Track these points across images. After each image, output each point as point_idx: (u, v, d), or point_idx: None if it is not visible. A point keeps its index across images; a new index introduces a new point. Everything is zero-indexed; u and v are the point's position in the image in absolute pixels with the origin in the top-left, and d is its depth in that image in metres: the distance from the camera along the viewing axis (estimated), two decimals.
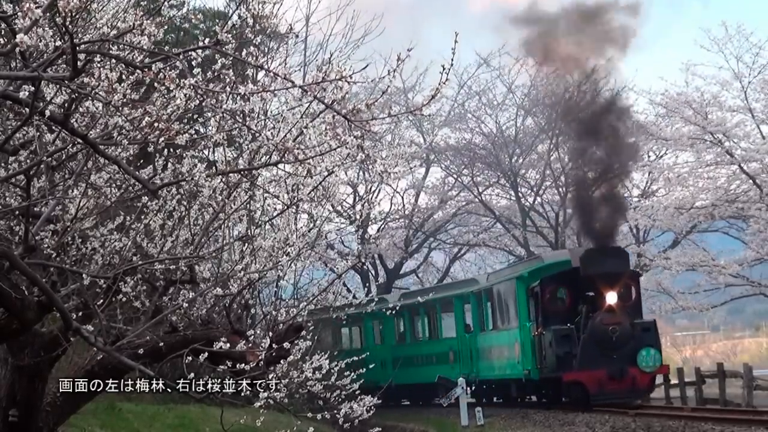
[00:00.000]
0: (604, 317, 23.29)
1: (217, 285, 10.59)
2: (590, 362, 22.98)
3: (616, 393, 22.94)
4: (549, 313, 25.24)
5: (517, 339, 27.16)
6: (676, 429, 16.49)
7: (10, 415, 11.26)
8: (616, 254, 24.59)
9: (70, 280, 9.37)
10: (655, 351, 23.52)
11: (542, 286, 25.58)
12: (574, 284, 24.78)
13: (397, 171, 37.79)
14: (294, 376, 10.56)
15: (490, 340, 30.18)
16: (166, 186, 9.16)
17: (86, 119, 7.85)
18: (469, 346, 31.41)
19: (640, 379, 23.16)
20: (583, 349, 23.16)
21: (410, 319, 36.21)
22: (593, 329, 23.27)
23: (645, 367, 23.15)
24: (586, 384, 22.97)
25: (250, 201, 10.82)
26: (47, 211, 8.49)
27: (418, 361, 34.68)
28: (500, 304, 29.46)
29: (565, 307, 25.33)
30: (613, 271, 23.58)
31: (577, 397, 23.53)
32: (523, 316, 26.91)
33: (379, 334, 37.32)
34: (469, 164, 41.58)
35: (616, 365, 22.95)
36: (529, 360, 26.02)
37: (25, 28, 6.29)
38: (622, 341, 23.13)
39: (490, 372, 30.25)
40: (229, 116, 8.31)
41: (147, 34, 6.98)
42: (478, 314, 31.36)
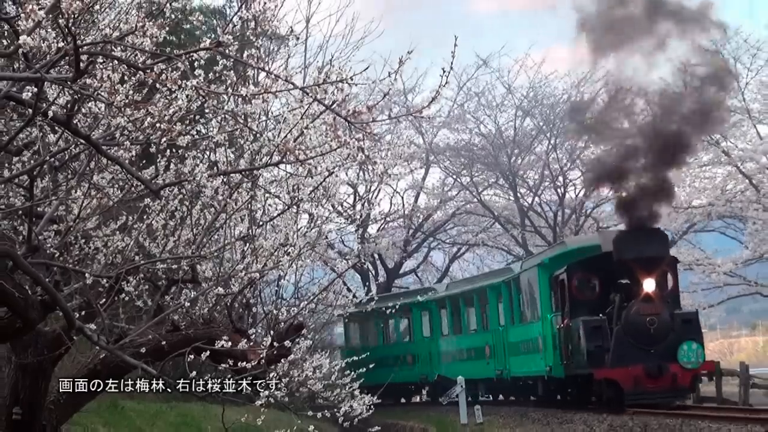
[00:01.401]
0: (640, 307, 20.29)
1: (218, 284, 10.59)
2: (625, 357, 20.10)
3: (654, 392, 20.09)
4: (576, 303, 22.13)
5: (539, 333, 24.72)
6: (674, 427, 16.46)
7: (13, 413, 11.27)
8: (654, 236, 21.29)
9: (73, 280, 9.37)
10: (698, 345, 20.53)
11: (569, 273, 22.60)
12: (605, 271, 21.76)
13: (396, 171, 37.36)
14: (295, 374, 10.56)
15: (518, 333, 27.39)
16: (168, 186, 9.16)
17: (89, 120, 7.85)
18: (502, 341, 28.70)
19: (681, 376, 20.08)
20: (617, 343, 20.23)
21: (452, 310, 33.49)
22: (628, 320, 20.32)
23: (686, 363, 20.07)
24: (621, 382, 20.07)
25: (251, 201, 10.82)
26: (50, 211, 8.49)
27: (461, 356, 32.22)
28: (527, 294, 26.90)
29: (594, 296, 22.16)
30: (652, 255, 20.54)
31: (610, 396, 20.74)
32: (545, 307, 24.42)
33: (429, 325, 35.02)
34: (468, 165, 41.59)
35: (654, 361, 19.97)
36: (551, 355, 23.49)
37: (28, 29, 6.29)
38: (661, 334, 20.22)
39: (519, 368, 27.56)
40: (230, 117, 8.32)
41: (149, 36, 6.98)
42: (509, 305, 28.59)
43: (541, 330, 24.34)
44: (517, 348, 27.10)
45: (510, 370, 27.73)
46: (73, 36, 6.36)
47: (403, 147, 38.61)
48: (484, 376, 29.74)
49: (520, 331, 27.00)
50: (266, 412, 10.59)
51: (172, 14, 7.86)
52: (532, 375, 26.20)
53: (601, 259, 21.87)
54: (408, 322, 35.99)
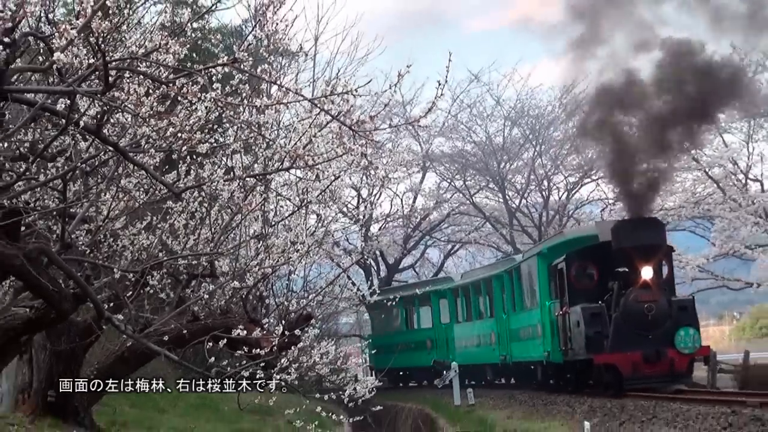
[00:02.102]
0: (638, 294, 19.08)
1: (234, 278, 10.59)
2: (624, 343, 18.93)
3: (652, 377, 18.91)
4: (575, 291, 20.84)
5: (538, 320, 23.44)
6: (648, 408, 16.42)
7: (48, 396, 11.27)
8: (652, 225, 20.10)
9: (103, 274, 9.37)
10: (695, 331, 19.32)
11: (567, 262, 21.31)
12: (603, 260, 20.52)
13: (396, 176, 37.00)
14: (304, 360, 10.54)
15: (519, 321, 26.06)
16: (189, 189, 9.15)
17: (117, 129, 7.85)
18: (505, 328, 27.44)
19: (678, 361, 18.89)
20: (616, 329, 19.09)
21: (465, 299, 31.86)
22: (627, 307, 19.09)
23: (684, 349, 18.88)
24: (620, 367, 18.92)
25: (264, 203, 10.82)
26: (82, 212, 8.49)
27: (472, 342, 30.91)
28: (526, 283, 25.42)
29: (592, 284, 20.89)
30: (650, 243, 19.37)
31: (608, 381, 19.48)
32: (544, 295, 23.07)
33: (445, 313, 33.42)
34: (461, 170, 41.58)
35: (652, 346, 18.82)
36: (549, 341, 22.31)
37: (61, 47, 6.29)
38: (659, 320, 18.99)
39: (520, 354, 26.32)
40: (245, 126, 8.31)
41: (172, 53, 6.98)
42: (510, 294, 27.11)
43: (540, 317, 23.23)
44: (518, 334, 26.11)
45: (512, 355, 26.81)
46: (103, 53, 6.36)
47: (402, 153, 38.81)
48: (490, 361, 28.92)
49: (520, 319, 25.96)
50: (277, 394, 10.56)
51: (192, 33, 7.85)
52: (532, 360, 25.09)
53: (598, 248, 20.76)
54: (428, 309, 34.93)
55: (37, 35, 7.13)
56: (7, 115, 7.09)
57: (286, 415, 13.33)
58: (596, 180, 40.58)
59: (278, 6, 7.55)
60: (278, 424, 18.26)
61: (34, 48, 7.94)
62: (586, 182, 41.23)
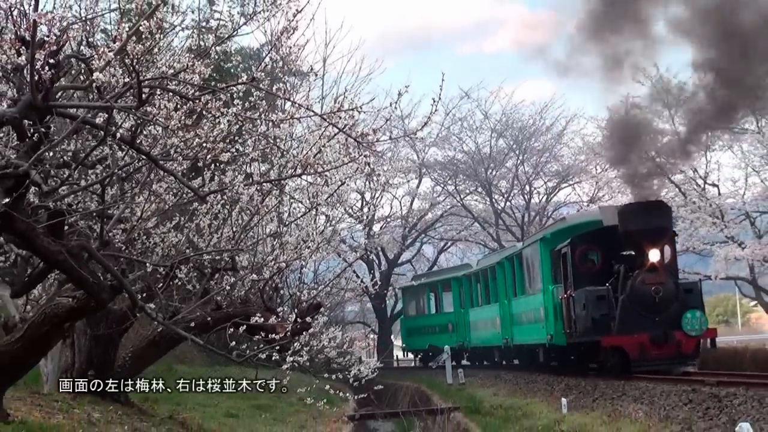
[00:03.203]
0: (646, 276, 17.20)
1: (253, 272, 10.58)
2: (631, 325, 17.01)
3: (659, 359, 17.06)
4: (579, 275, 18.92)
5: (541, 303, 21.48)
6: (618, 387, 16.38)
7: (89, 375, 11.26)
8: (659, 209, 18.01)
9: (137, 268, 9.37)
10: (701, 313, 17.41)
11: (572, 246, 19.27)
12: (606, 244, 18.63)
13: (395, 181, 36.86)
14: (314, 344, 10.53)
15: (520, 305, 24.18)
16: (213, 193, 9.15)
17: (149, 140, 7.84)
18: (507, 312, 25.59)
19: (685, 343, 16.97)
20: (623, 311, 17.19)
21: (477, 284, 30.09)
22: (634, 289, 17.19)
23: (690, 331, 16.94)
24: (627, 349, 17.09)
25: (279, 205, 10.81)
26: (118, 213, 8.48)
27: (483, 325, 29.17)
28: (528, 268, 23.44)
29: (596, 268, 18.92)
30: (657, 226, 17.49)
31: (615, 363, 17.57)
32: (547, 279, 21.15)
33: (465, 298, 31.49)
34: (453, 176, 41.61)
35: (659, 328, 16.90)
36: (552, 325, 20.42)
37: (100, 67, 6.28)
38: (666, 303, 17.09)
39: (521, 337, 24.45)
40: (263, 138, 8.30)
41: (198, 73, 6.97)
42: (512, 280, 25.09)
43: (543, 301, 21.28)
44: (519, 318, 24.31)
45: (513, 338, 25.12)
46: (137, 73, 6.35)
47: (401, 162, 38.90)
48: (494, 343, 27.36)
49: (521, 303, 24.12)
50: (291, 374, 10.55)
51: (216, 56, 7.85)
52: (534, 343, 23.04)
53: (602, 233, 18.95)
54: (450, 295, 33.46)
55: (79, 57, 7.12)
56: (53, 127, 7.08)
57: (298, 392, 13.32)
58: (572, 185, 40.78)
59: (291, 32, 7.54)
60: (291, 400, 18.24)
61: (76, 68, 7.93)
62: (563, 187, 41.41)
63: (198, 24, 12.09)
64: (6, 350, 7.76)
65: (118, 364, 11.91)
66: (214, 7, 22.31)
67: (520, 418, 16.48)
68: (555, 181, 41.40)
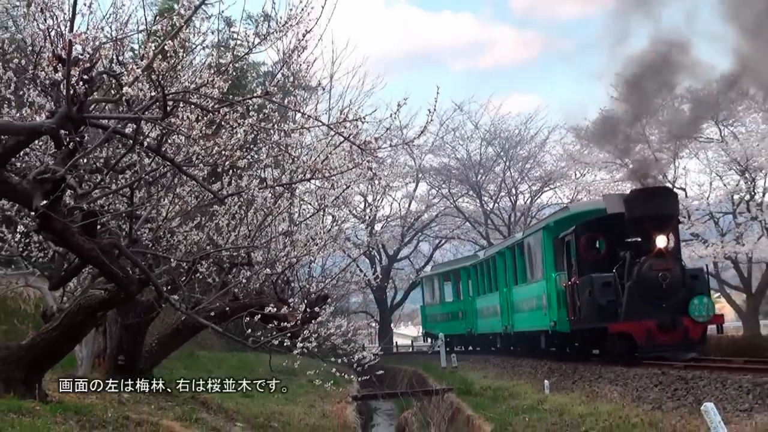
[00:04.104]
0: (653, 263, 15.47)
1: (267, 266, 10.57)
2: (638, 311, 15.32)
3: (666, 345, 15.36)
4: (583, 262, 17.16)
5: (543, 291, 19.72)
6: (595, 370, 16.35)
7: (119, 360, 11.26)
8: (666, 195, 16.48)
9: (162, 263, 9.35)
10: (708, 299, 15.74)
11: (576, 234, 17.56)
12: (611, 231, 16.90)
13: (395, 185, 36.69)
14: (322, 332, 10.52)
15: (521, 293, 22.43)
16: (230, 196, 9.14)
17: (173, 148, 7.83)
18: (506, 300, 23.97)
19: (692, 329, 15.27)
20: (630, 298, 15.49)
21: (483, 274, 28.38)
22: (641, 276, 15.48)
23: (698, 317, 15.26)
24: (634, 335, 15.40)
25: (290, 206, 10.80)
26: (145, 214, 8.47)
27: (487, 313, 27.62)
28: (529, 257, 21.60)
29: (600, 255, 17.16)
30: (664, 212, 15.83)
31: (622, 349, 15.96)
32: (549, 267, 19.37)
33: (473, 287, 30.06)
34: (446, 180, 41.67)
35: (667, 315, 15.22)
36: (555, 312, 18.72)
37: (129, 82, 6.28)
38: (673, 289, 15.40)
39: (521, 324, 22.71)
40: (275, 146, 8.29)
41: (217, 87, 6.97)
42: (512, 269, 23.33)
43: (546, 288, 19.51)
44: (520, 306, 22.57)
45: (513, 326, 23.52)
46: (162, 87, 6.34)
47: (400, 167, 38.91)
48: (496, 330, 25.95)
49: (521, 291, 22.44)
50: (301, 358, 10.53)
51: (233, 72, 7.84)
52: (535, 330, 21.16)
53: (606, 220, 17.26)
54: (459, 284, 32.00)
55: (110, 73, 7.11)
56: (86, 136, 7.07)
57: (307, 375, 13.30)
58: (553, 188, 40.83)
59: (301, 51, 7.54)
60: (301, 382, 18.22)
61: (108, 83, 7.93)
62: (546, 190, 41.50)
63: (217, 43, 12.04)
64: (45, 337, 7.76)
65: (146, 349, 11.91)
66: (232, 29, 22.39)
67: (507, 398, 16.47)
68: (538, 185, 41.56)
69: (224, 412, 11.76)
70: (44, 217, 6.32)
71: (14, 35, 7.77)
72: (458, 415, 16.56)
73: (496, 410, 15.02)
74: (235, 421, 10.63)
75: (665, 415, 10.82)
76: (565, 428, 11.88)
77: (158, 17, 7.40)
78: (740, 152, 26.32)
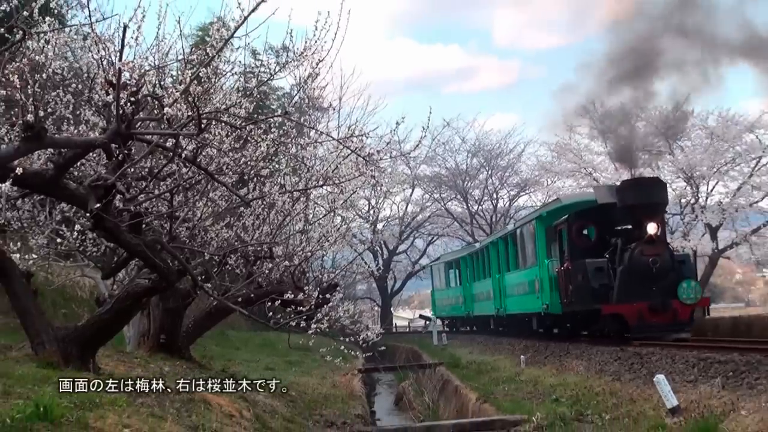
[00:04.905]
0: (644, 248, 14.43)
1: (285, 259, 10.56)
2: (630, 294, 14.32)
3: (657, 326, 14.30)
4: (576, 249, 16.04)
5: (536, 276, 18.52)
6: (564, 347, 16.29)
7: (160, 338, 11.25)
8: (657, 184, 15.22)
9: (197, 257, 9.35)
10: (696, 283, 14.70)
11: (569, 223, 16.45)
12: (602, 220, 15.88)
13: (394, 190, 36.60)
14: (332, 314, 10.51)
15: (513, 279, 21.21)
16: (255, 200, 9.13)
17: (207, 159, 7.83)
18: (498, 285, 22.97)
19: (681, 311, 14.28)
20: (622, 281, 14.50)
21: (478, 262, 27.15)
22: (633, 260, 14.45)
23: (686, 299, 14.24)
24: (627, 316, 14.36)
25: (305, 208, 10.79)
26: (183, 214, 8.47)
27: (480, 297, 26.57)
28: (521, 245, 20.37)
29: (591, 242, 16.10)
30: (655, 201, 14.71)
31: (614, 329, 14.83)
32: (542, 254, 18.16)
33: (468, 274, 28.97)
34: (437, 186, 41.74)
35: (657, 297, 14.21)
36: (548, 295, 17.50)
37: (169, 103, 6.28)
38: (663, 273, 14.34)
39: (513, 307, 21.42)
40: (293, 157, 8.30)
41: (243, 108, 6.97)
42: (505, 256, 22.21)
43: (539, 274, 18.31)
44: (512, 291, 21.39)
45: (505, 308, 22.39)
46: (197, 108, 6.35)
47: (399, 175, 38.83)
48: (488, 313, 25.00)
49: (512, 277, 21.28)
50: (314, 337, 10.52)
51: (257, 95, 7.84)
52: (527, 312, 20.06)
53: (597, 210, 16.13)
54: (458, 271, 31.00)
55: (153, 96, 7.10)
56: (133, 149, 7.07)
57: (320, 351, 13.30)
58: (528, 193, 40.88)
59: (315, 77, 7.53)
60: (315, 357, 18.21)
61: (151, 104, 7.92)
62: (522, 195, 41.54)
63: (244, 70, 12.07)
64: (98, 319, 7.75)
65: (183, 330, 11.89)
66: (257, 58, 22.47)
67: (489, 371, 16.45)
68: (515, 190, 41.70)
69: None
70: (98, 218, 6.32)
71: (72, 64, 7.77)
72: (448, 385, 16.55)
73: (480, 381, 15.00)
74: (259, 391, 10.59)
75: (623, 385, 10.81)
76: (538, 396, 11.87)
77: (194, 48, 7.39)
78: (685, 162, 26.30)
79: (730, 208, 24.92)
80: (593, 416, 9.44)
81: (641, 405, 9.31)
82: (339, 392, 13.41)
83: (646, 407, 9.11)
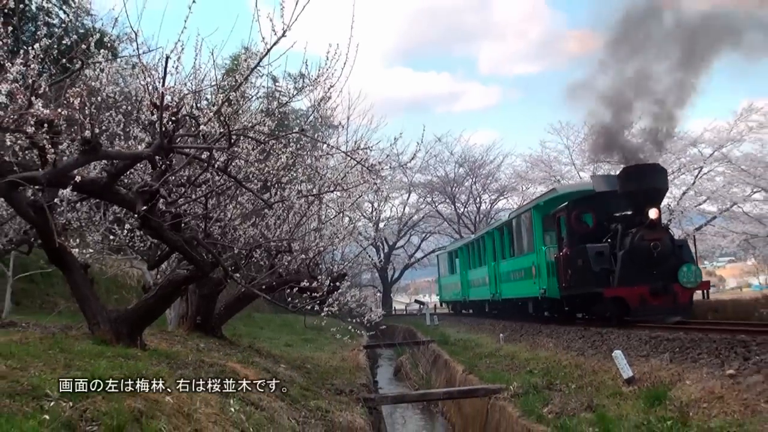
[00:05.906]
0: (645, 233, 12.77)
1: (302, 253, 10.55)
2: (631, 278, 12.66)
3: (658, 309, 12.60)
4: (575, 235, 14.37)
5: (533, 262, 16.86)
6: (537, 328, 16.25)
7: (197, 320, 11.23)
8: (657, 170, 13.15)
9: (227, 251, 9.34)
10: (696, 267, 12.86)
11: (568, 210, 14.70)
12: (600, 207, 14.29)
13: (393, 195, 36.37)
14: (341, 299, 10.50)
15: (509, 265, 19.49)
16: (276, 203, 9.13)
17: (236, 169, 7.83)
18: (495, 272, 21.33)
19: (681, 294, 12.55)
20: (623, 265, 12.83)
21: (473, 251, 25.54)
22: (634, 245, 12.82)
23: (686, 283, 12.54)
24: (628, 300, 12.68)
25: (319, 210, 10.78)
26: (215, 215, 8.46)
27: (476, 283, 25.08)
28: (516, 234, 18.74)
29: (589, 229, 14.37)
30: (656, 186, 12.98)
31: (615, 312, 13.15)
32: (539, 241, 16.59)
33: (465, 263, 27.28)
34: (430, 192, 41.80)
35: (658, 281, 12.55)
36: (546, 280, 15.93)
37: (204, 122, 6.28)
38: (664, 257, 12.74)
39: (509, 292, 19.68)
40: (308, 167, 8.29)
41: (266, 126, 6.96)
42: (500, 245, 20.59)
43: (536, 260, 16.63)
44: (508, 277, 19.69)
45: (501, 293, 20.70)
46: (228, 125, 6.35)
47: (397, 183, 38.86)
48: (485, 297, 23.36)
49: (508, 264, 19.60)
50: (326, 319, 10.50)
51: (278, 115, 7.83)
52: (523, 297, 18.29)
53: (595, 198, 14.57)
54: (458, 260, 29.36)
55: (191, 116, 7.11)
56: (174, 160, 7.06)
57: (331, 330, 13.30)
58: (506, 198, 40.92)
59: (327, 100, 7.53)
60: (327, 335, 18.21)
61: (189, 123, 7.92)
62: (501, 199, 41.55)
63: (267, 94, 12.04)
64: (144, 303, 7.75)
65: (216, 313, 11.89)
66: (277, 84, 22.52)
67: (473, 347, 16.42)
68: (496, 195, 41.72)
69: (272, 357, 11.74)
70: (144, 218, 6.32)
71: (123, 89, 7.79)
72: (439, 359, 16.53)
73: (466, 355, 14.97)
74: (280, 363, 10.60)
75: (587, 359, 10.78)
76: (515, 369, 11.85)
77: (225, 75, 7.40)
78: None
79: (677, 210, 24.88)
80: (561, 385, 9.43)
81: (602, 376, 9.30)
82: (347, 365, 13.41)
83: (606, 378, 9.10)
